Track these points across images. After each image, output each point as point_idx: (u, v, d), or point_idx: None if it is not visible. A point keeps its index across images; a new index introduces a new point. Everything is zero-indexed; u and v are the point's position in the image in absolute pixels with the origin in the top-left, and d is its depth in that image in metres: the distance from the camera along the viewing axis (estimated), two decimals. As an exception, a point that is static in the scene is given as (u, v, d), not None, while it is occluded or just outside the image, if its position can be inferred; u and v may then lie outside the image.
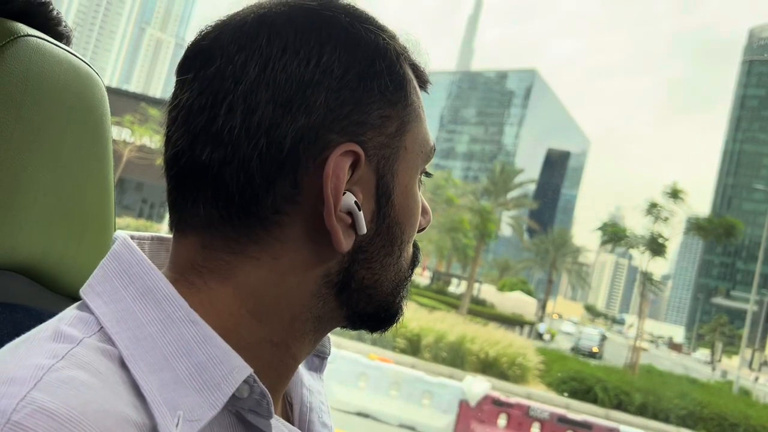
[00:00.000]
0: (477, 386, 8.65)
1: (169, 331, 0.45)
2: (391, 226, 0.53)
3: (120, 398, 0.40)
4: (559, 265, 53.79)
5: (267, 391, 0.45)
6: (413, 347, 15.06)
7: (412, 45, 0.56)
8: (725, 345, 66.25)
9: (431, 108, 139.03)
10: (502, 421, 8.41)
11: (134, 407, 0.40)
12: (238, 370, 0.45)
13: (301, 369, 0.64)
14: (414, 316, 16.51)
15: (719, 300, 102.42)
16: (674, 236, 27.48)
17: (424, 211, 0.59)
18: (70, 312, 0.47)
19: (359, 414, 8.50)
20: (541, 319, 45.66)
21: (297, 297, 0.50)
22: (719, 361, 60.35)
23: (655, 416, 14.50)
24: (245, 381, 0.45)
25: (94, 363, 0.41)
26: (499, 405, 8.48)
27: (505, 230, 66.40)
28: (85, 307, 0.47)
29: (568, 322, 59.03)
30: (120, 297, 0.46)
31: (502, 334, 17.49)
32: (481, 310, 32.78)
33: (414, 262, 0.58)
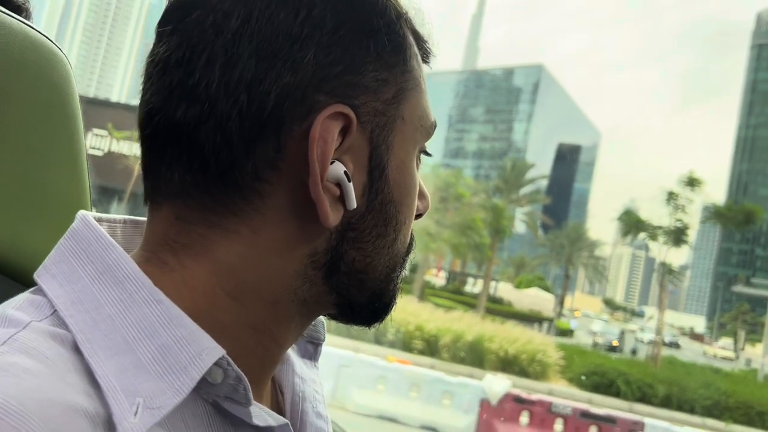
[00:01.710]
0: (497, 385, 8.57)
1: (130, 312, 0.41)
2: (384, 204, 0.48)
3: (70, 386, 0.36)
4: (575, 259, 53.37)
5: (243, 375, 0.41)
6: (431, 348, 14.98)
7: (415, 12, 0.52)
8: (748, 333, 65.43)
9: (439, 108, 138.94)
10: (524, 418, 8.32)
11: (87, 395, 0.36)
12: (208, 351, 0.41)
13: (293, 357, 0.60)
14: (431, 316, 16.46)
15: (739, 288, 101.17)
16: (692, 225, 27.12)
17: (422, 196, 0.55)
18: (22, 296, 0.43)
19: (379, 417, 8.44)
20: (560, 315, 45.31)
21: (280, 277, 0.46)
22: (742, 349, 59.62)
23: (679, 407, 14.32)
24: (217, 364, 0.41)
25: (41, 348, 0.37)
26: (520, 402, 8.39)
27: (519, 227, 66.13)
28: (39, 291, 0.43)
29: (598, 321, 57.69)
30: (77, 277, 0.42)
31: (520, 332, 17.35)
32: (498, 309, 32.62)
33: (409, 248, 0.54)
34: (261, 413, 0.44)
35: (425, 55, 0.53)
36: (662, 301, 25.83)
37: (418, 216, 0.55)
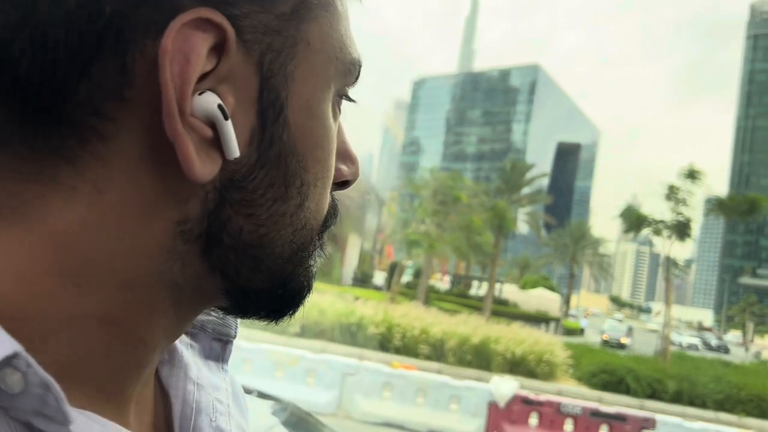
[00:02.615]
0: (505, 387, 8.45)
1: None
2: (283, 156, 0.37)
3: None
4: (580, 258, 53.28)
5: (51, 380, 0.30)
6: (437, 352, 14.87)
7: None
8: (756, 324, 65.21)
9: (436, 112, 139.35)
10: (533, 420, 8.20)
11: None
12: None
13: (189, 358, 0.48)
14: (435, 320, 16.35)
15: (746, 279, 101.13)
16: (695, 218, 27.00)
17: (348, 158, 0.44)
18: None
19: (386, 424, 8.33)
20: (566, 314, 45.16)
21: (137, 253, 0.34)
22: (752, 341, 59.36)
23: (691, 402, 14.17)
24: (12, 366, 0.29)
25: None
26: (529, 404, 8.28)
27: (522, 228, 66.07)
28: None
29: (612, 320, 56.56)
30: None
31: (527, 333, 17.23)
32: (504, 310, 32.54)
33: (328, 219, 0.43)
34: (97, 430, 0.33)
35: None
36: (669, 297, 25.63)
37: (344, 184, 0.45)
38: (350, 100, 0.43)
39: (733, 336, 72.41)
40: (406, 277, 38.22)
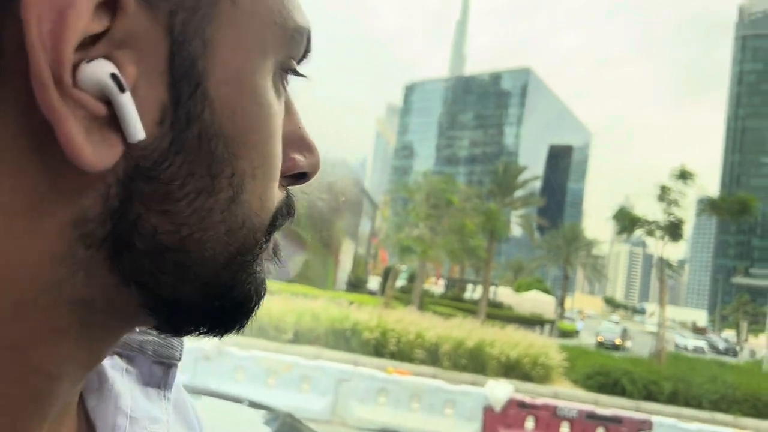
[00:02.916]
0: (500, 390, 8.41)
1: None
2: (205, 139, 0.30)
3: None
4: (573, 260, 53.32)
5: None
6: (432, 357, 14.81)
7: None
8: (750, 324, 65.42)
9: (428, 116, 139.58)
10: (529, 423, 8.17)
11: None
12: None
13: (122, 386, 0.41)
14: (430, 324, 16.30)
15: (739, 279, 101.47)
16: (687, 218, 27.06)
17: (305, 147, 0.37)
18: None
19: (382, 430, 8.28)
20: (561, 317, 45.15)
21: (25, 262, 0.27)
22: (746, 340, 59.55)
23: (687, 403, 14.16)
24: None
25: None
26: (524, 407, 8.24)
27: (515, 230, 66.17)
28: None
29: (609, 322, 56.24)
30: None
31: (522, 336, 17.20)
32: (499, 313, 32.46)
33: (277, 217, 0.35)
34: None
35: None
36: (662, 297, 25.66)
37: (301, 177, 0.38)
38: (299, 75, 0.36)
39: (727, 335, 72.68)
40: (401, 282, 38.14)
